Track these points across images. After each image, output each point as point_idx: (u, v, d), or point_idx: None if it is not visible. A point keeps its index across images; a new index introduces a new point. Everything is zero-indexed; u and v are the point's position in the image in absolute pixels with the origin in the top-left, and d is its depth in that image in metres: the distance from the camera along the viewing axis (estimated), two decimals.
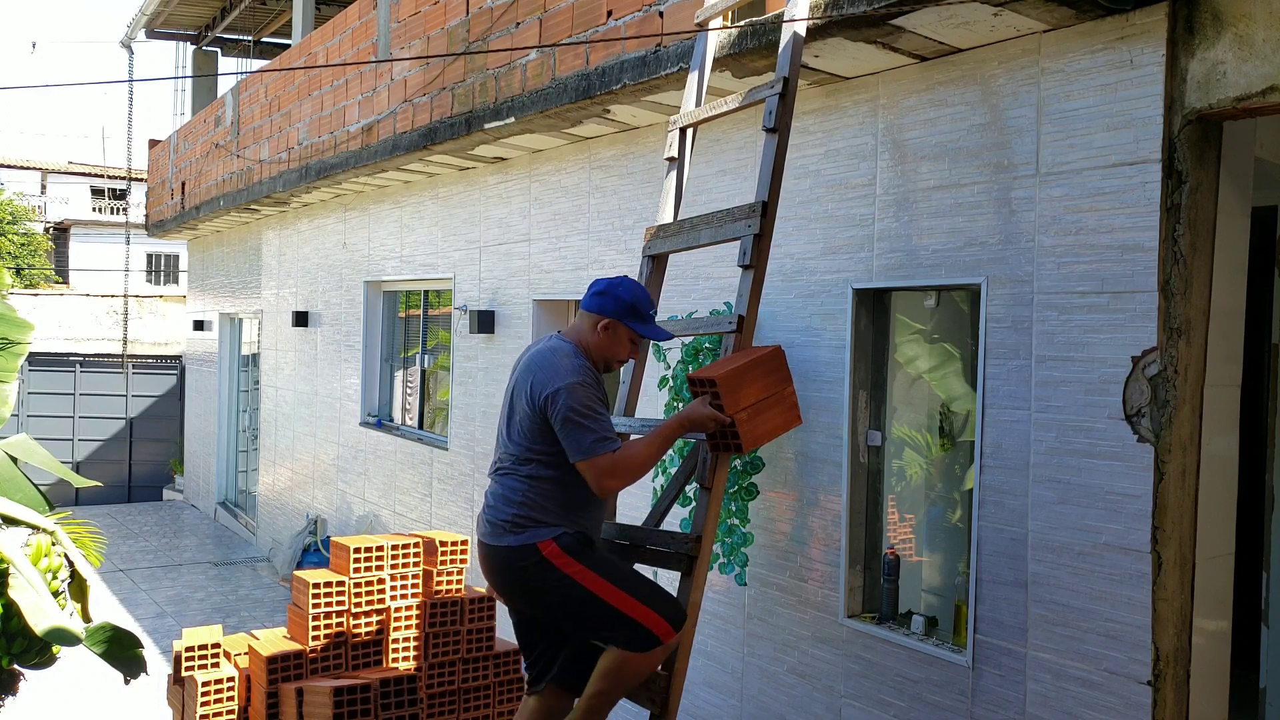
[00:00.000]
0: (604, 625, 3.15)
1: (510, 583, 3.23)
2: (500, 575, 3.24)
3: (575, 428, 3.06)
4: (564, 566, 3.12)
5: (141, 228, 15.59)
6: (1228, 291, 3.29)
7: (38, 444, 4.71)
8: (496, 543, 3.20)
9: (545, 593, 3.18)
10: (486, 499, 3.30)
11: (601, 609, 3.12)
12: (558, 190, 6.09)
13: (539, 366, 3.19)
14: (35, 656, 4.01)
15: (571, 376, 3.10)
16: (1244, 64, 2.96)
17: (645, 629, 3.12)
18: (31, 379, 14.57)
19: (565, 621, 3.27)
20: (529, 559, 3.14)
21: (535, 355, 3.27)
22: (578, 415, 3.06)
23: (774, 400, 3.36)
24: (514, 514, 3.17)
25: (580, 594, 3.13)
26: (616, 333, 3.30)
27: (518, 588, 3.23)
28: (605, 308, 3.29)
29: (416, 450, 7.75)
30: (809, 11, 3.56)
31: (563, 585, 3.13)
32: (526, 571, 3.15)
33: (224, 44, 14.40)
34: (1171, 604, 3.15)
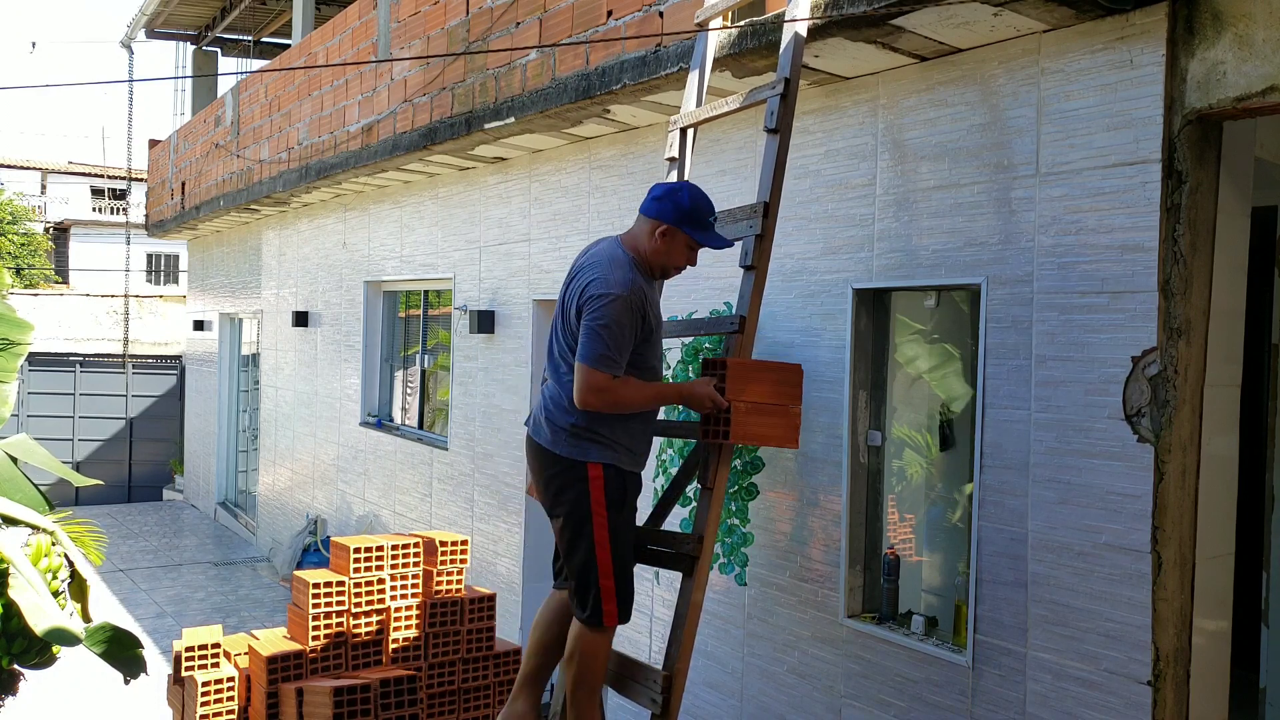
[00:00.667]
0: (579, 565, 3.23)
1: (548, 482, 3.30)
2: (541, 472, 3.32)
3: (594, 335, 3.07)
4: (594, 496, 3.19)
5: (141, 228, 15.59)
6: (1228, 291, 3.29)
7: (38, 444, 4.71)
8: (548, 445, 3.26)
9: (567, 502, 3.24)
10: (543, 398, 3.34)
11: (590, 556, 3.20)
12: (558, 190, 6.09)
13: (595, 266, 3.18)
14: (35, 656, 4.01)
15: (619, 289, 3.09)
16: (1244, 64, 2.96)
17: (600, 603, 3.20)
18: (31, 379, 14.57)
19: (562, 531, 3.31)
20: (574, 469, 3.20)
21: (593, 258, 3.24)
22: (603, 326, 3.07)
23: (777, 410, 3.36)
24: (571, 423, 3.20)
25: (586, 530, 3.20)
26: (674, 240, 3.25)
27: (551, 489, 3.29)
28: (664, 213, 3.23)
29: (416, 450, 7.75)
30: (809, 11, 3.56)
31: (583, 509, 3.20)
32: (565, 477, 3.22)
33: (224, 44, 14.40)
34: (1171, 604, 3.15)
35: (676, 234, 3.25)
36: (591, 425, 3.19)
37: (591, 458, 3.19)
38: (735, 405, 3.24)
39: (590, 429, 3.19)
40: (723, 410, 3.24)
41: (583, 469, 3.19)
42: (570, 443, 3.21)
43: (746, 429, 3.29)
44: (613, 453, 3.22)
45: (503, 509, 6.57)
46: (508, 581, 6.49)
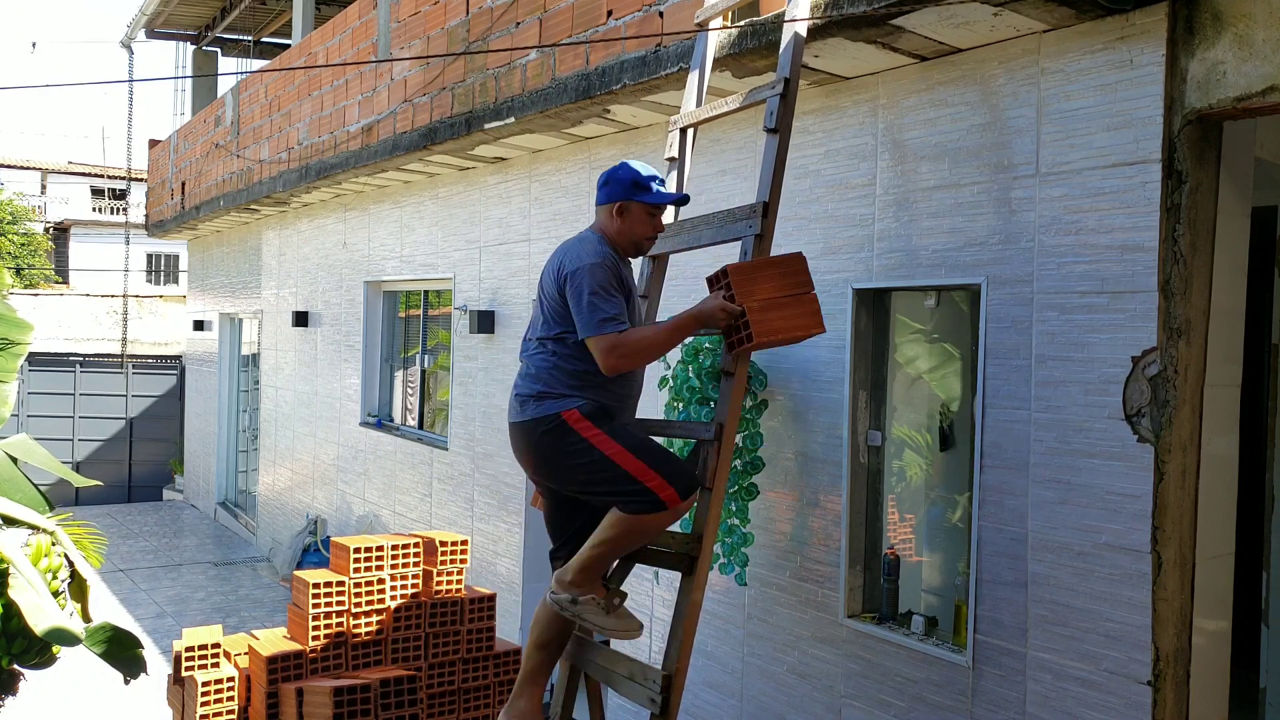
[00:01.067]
0: (615, 487, 3.21)
1: (535, 455, 3.32)
2: (526, 450, 3.35)
3: (587, 304, 3.16)
4: (582, 431, 3.22)
5: (141, 228, 15.59)
6: (1228, 291, 3.29)
7: (38, 444, 4.71)
8: (521, 418, 3.32)
9: (563, 458, 3.26)
10: (515, 382, 3.43)
11: (614, 471, 3.20)
12: (558, 190, 6.09)
13: (565, 252, 3.32)
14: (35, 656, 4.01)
15: (591, 258, 3.22)
16: (1244, 64, 2.96)
17: (653, 494, 3.18)
18: (31, 379, 14.57)
19: (581, 486, 3.31)
20: (549, 425, 3.24)
21: (564, 245, 3.39)
22: (590, 293, 3.16)
23: (792, 300, 3.28)
24: (539, 389, 3.29)
25: (595, 457, 3.21)
26: (631, 212, 3.38)
27: (540, 459, 3.32)
28: (613, 194, 3.38)
29: (416, 450, 7.75)
30: (809, 11, 3.56)
31: (579, 449, 3.22)
32: (546, 439, 3.25)
33: (224, 44, 14.40)
34: (1171, 604, 3.15)
35: (630, 206, 3.38)
36: (554, 388, 3.27)
37: (564, 406, 3.25)
38: (749, 307, 3.20)
39: (554, 390, 3.27)
40: (738, 316, 3.22)
41: (556, 418, 3.24)
42: (536, 404, 3.28)
43: (768, 325, 3.21)
44: (582, 398, 3.27)
45: (503, 509, 6.57)
46: (508, 581, 6.49)
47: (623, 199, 3.36)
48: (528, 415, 3.30)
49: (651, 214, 3.41)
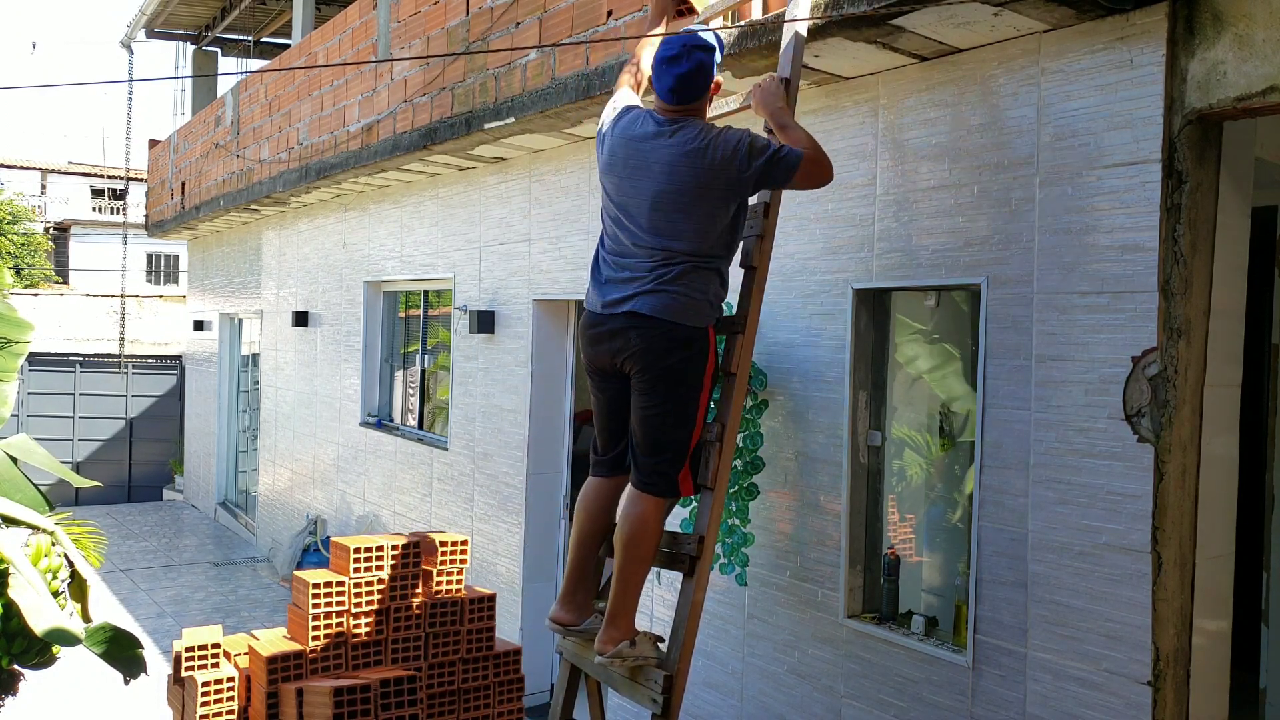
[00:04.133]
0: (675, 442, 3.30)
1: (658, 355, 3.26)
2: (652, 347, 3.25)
3: (777, 157, 3.22)
4: (706, 378, 3.29)
5: (141, 228, 15.59)
6: (1228, 291, 3.29)
7: (37, 444, 4.71)
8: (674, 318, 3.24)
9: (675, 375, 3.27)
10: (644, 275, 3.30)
11: (684, 433, 3.30)
12: (558, 190, 6.09)
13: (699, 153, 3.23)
14: (35, 656, 4.01)
15: (741, 131, 3.26)
16: (1244, 64, 2.96)
17: (678, 476, 3.32)
18: (31, 379, 14.57)
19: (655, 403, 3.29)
20: (695, 342, 3.27)
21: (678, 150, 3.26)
22: (770, 145, 3.23)
23: None
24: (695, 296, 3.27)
25: (691, 405, 3.29)
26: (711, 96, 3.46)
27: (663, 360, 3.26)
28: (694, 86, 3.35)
29: (416, 450, 7.75)
30: (809, 11, 3.56)
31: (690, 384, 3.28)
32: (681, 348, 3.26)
33: (224, 44, 14.40)
34: (1171, 604, 3.15)
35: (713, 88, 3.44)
36: (718, 294, 3.34)
37: (709, 321, 3.31)
38: None
39: (706, 295, 3.29)
40: None
41: (703, 337, 3.29)
42: (696, 310, 3.27)
43: None
44: (715, 313, 3.36)
45: (503, 509, 6.57)
46: (508, 581, 6.49)
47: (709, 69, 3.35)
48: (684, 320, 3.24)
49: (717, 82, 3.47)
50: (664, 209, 3.27)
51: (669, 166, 3.26)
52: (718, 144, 3.21)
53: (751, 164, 3.19)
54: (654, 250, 3.29)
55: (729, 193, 3.23)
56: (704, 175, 3.21)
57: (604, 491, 3.57)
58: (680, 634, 3.26)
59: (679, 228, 3.26)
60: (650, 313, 3.25)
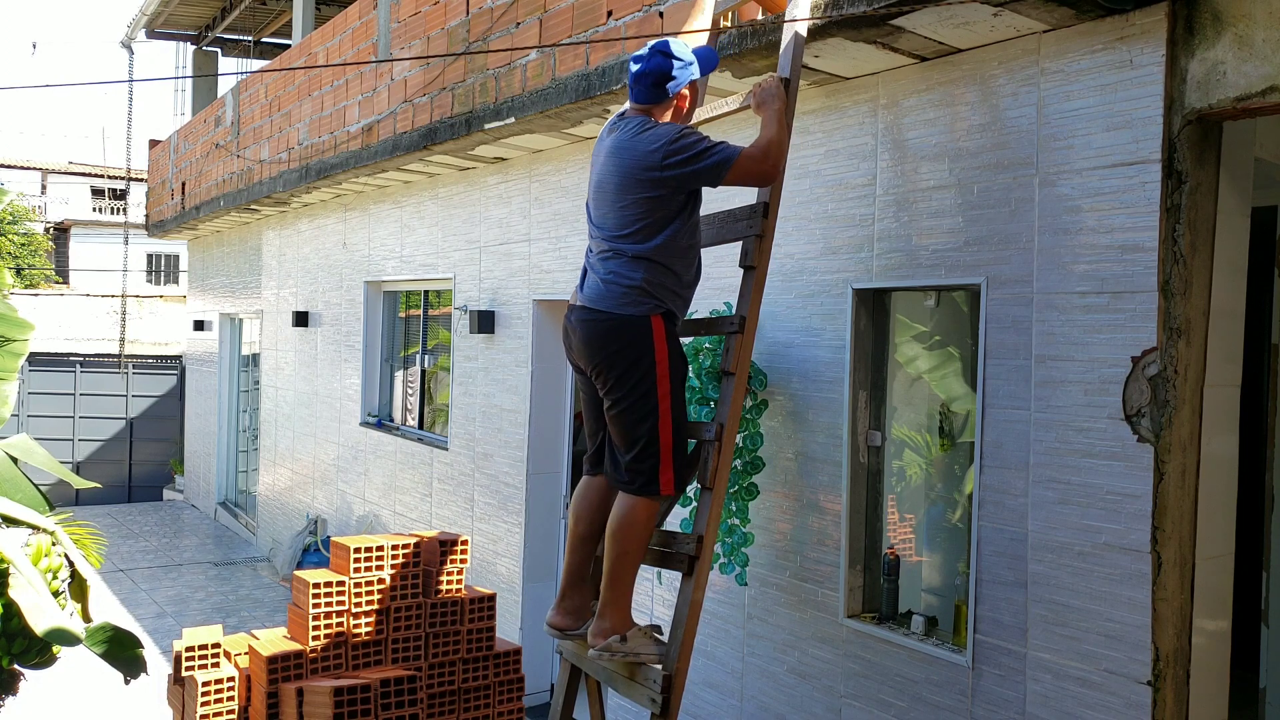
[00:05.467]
0: (644, 440, 3.27)
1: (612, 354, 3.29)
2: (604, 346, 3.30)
3: (707, 152, 3.20)
4: (659, 372, 3.27)
5: (141, 228, 15.59)
6: (1228, 291, 3.29)
7: (38, 444, 4.72)
8: (615, 309, 3.28)
9: (629, 374, 3.27)
10: (592, 270, 3.40)
11: (651, 429, 3.26)
12: (558, 190, 6.09)
13: (628, 148, 3.28)
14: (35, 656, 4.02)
15: (671, 128, 3.26)
16: (1244, 64, 2.96)
17: (658, 472, 3.28)
18: (31, 379, 14.57)
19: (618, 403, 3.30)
20: (638, 334, 3.27)
21: (617, 142, 3.33)
22: (703, 142, 3.21)
23: None
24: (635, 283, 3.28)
25: (650, 401, 3.26)
26: (684, 101, 3.43)
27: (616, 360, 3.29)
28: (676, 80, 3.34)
29: (416, 450, 7.75)
30: (809, 11, 3.56)
31: (646, 381, 3.26)
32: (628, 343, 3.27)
33: (224, 44, 14.40)
34: (1171, 604, 3.15)
35: (685, 94, 3.41)
36: (654, 281, 3.29)
37: (644, 309, 3.28)
38: None
39: (634, 281, 3.28)
40: None
41: (638, 325, 3.27)
42: (624, 297, 3.28)
43: None
44: (665, 303, 3.33)
45: (503, 509, 6.57)
46: (508, 581, 6.49)
47: (679, 74, 3.34)
48: (623, 309, 3.27)
49: (696, 92, 3.49)
50: (602, 199, 3.38)
51: (607, 157, 3.36)
52: (645, 138, 3.25)
53: (666, 161, 3.19)
54: (597, 241, 3.41)
55: (654, 186, 3.23)
56: (627, 165, 3.27)
57: (594, 489, 3.58)
58: (679, 634, 3.26)
59: (608, 217, 3.35)
60: (584, 303, 3.36)
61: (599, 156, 3.45)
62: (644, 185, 3.24)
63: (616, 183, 3.31)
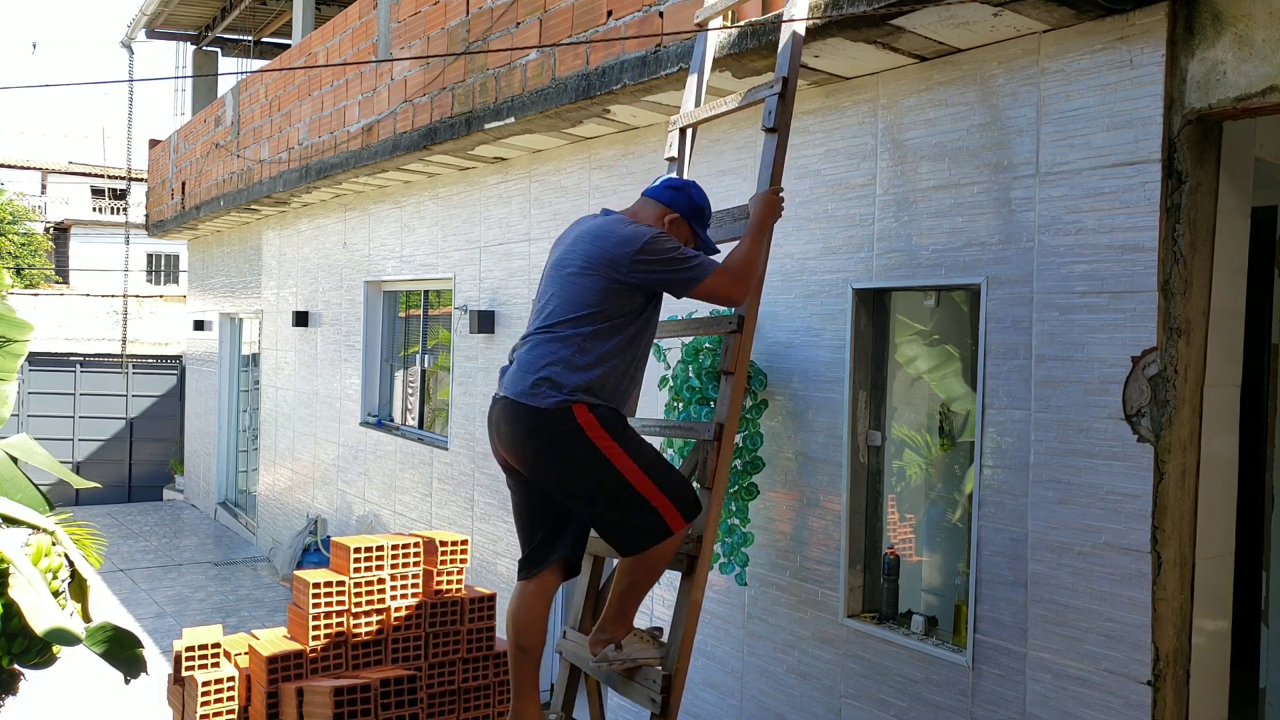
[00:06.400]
0: (623, 514, 3.07)
1: (533, 446, 3.07)
2: (522, 436, 3.08)
3: (680, 262, 3.08)
4: (598, 441, 3.01)
5: (141, 228, 15.59)
6: (1228, 291, 3.29)
7: (38, 444, 4.72)
8: (527, 400, 3.03)
9: (571, 462, 3.05)
10: (518, 361, 3.16)
11: (628, 495, 3.04)
12: (558, 190, 6.09)
13: (606, 234, 3.13)
14: (35, 656, 4.01)
15: (650, 230, 3.11)
16: (1244, 64, 2.96)
17: (663, 521, 3.07)
18: (31, 379, 14.57)
19: (581, 500, 3.12)
20: (563, 423, 3.00)
21: (598, 227, 3.19)
22: (678, 252, 3.09)
23: None
24: (548, 374, 3.03)
25: (608, 474, 3.04)
26: (679, 230, 3.30)
27: (543, 452, 3.06)
28: (677, 202, 3.30)
29: (416, 450, 7.75)
30: (808, 11, 3.56)
31: (591, 458, 3.02)
32: (557, 436, 3.02)
33: (224, 44, 14.40)
34: (1171, 604, 3.15)
35: (682, 225, 3.31)
36: (574, 379, 3.04)
37: (579, 400, 3.02)
38: None
39: (573, 382, 3.03)
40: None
41: (570, 415, 2.99)
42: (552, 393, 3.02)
43: None
44: (599, 400, 3.07)
45: (503, 509, 6.57)
46: (508, 581, 6.49)
47: (684, 214, 3.29)
48: (538, 403, 3.01)
49: (688, 242, 3.35)
50: (556, 278, 3.19)
51: (578, 239, 3.22)
52: (628, 230, 3.12)
53: (638, 256, 3.04)
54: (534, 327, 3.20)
55: (618, 277, 3.07)
56: (597, 249, 3.11)
57: (534, 595, 3.27)
58: (679, 634, 3.26)
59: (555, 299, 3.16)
60: (508, 394, 3.12)
61: (564, 241, 3.29)
62: (607, 272, 3.07)
63: (580, 265, 3.12)
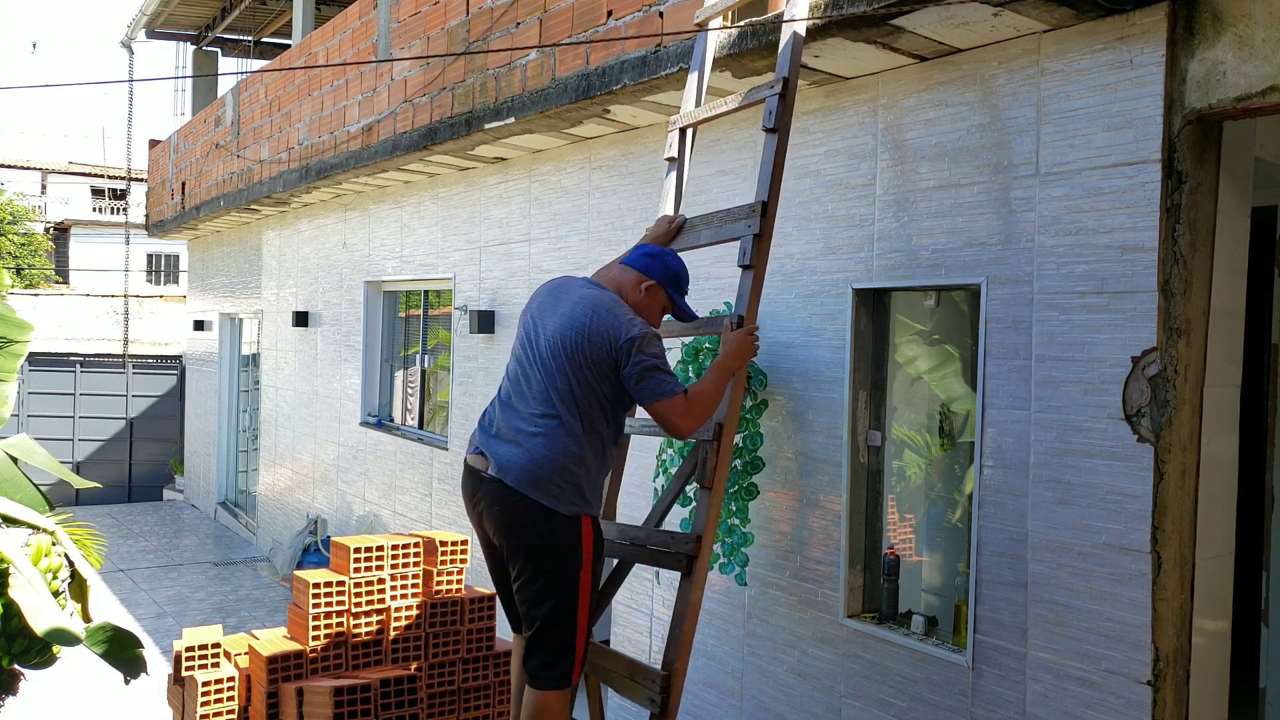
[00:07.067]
0: (558, 629, 3.11)
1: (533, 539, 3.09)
2: (525, 530, 3.09)
3: (655, 373, 3.07)
4: (585, 557, 3.10)
5: (141, 228, 15.59)
6: (1228, 291, 3.29)
7: (38, 444, 4.72)
8: (549, 503, 3.06)
9: (552, 566, 3.08)
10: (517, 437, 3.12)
11: (568, 620, 3.10)
12: (558, 190, 6.09)
13: (602, 312, 3.13)
14: (35, 656, 4.01)
15: (643, 326, 3.13)
16: (1244, 64, 2.96)
17: (572, 663, 3.13)
18: (31, 379, 14.57)
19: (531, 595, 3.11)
20: (572, 531, 3.08)
21: (587, 301, 3.18)
22: (659, 360, 3.10)
23: None
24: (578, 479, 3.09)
25: (571, 591, 3.09)
26: (655, 297, 3.34)
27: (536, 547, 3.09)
28: (652, 269, 3.33)
29: (416, 450, 7.75)
30: (808, 11, 3.56)
31: (570, 571, 3.09)
32: (558, 538, 3.08)
33: (224, 44, 14.40)
34: (1171, 604, 3.15)
35: (658, 292, 3.35)
36: (584, 480, 3.12)
37: (585, 511, 3.13)
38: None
39: (581, 483, 3.11)
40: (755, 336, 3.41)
41: (577, 525, 3.10)
42: (571, 498, 3.10)
43: None
44: (591, 506, 3.17)
45: None
46: None
47: (659, 280, 3.32)
48: (560, 507, 3.06)
49: (664, 309, 3.39)
50: (550, 352, 3.16)
51: (579, 304, 3.18)
52: (627, 318, 3.13)
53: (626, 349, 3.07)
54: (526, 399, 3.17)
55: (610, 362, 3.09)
56: (599, 325, 3.11)
57: None
58: (678, 634, 3.26)
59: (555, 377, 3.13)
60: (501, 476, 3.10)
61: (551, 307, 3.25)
62: (602, 352, 3.09)
63: (578, 337, 3.11)
